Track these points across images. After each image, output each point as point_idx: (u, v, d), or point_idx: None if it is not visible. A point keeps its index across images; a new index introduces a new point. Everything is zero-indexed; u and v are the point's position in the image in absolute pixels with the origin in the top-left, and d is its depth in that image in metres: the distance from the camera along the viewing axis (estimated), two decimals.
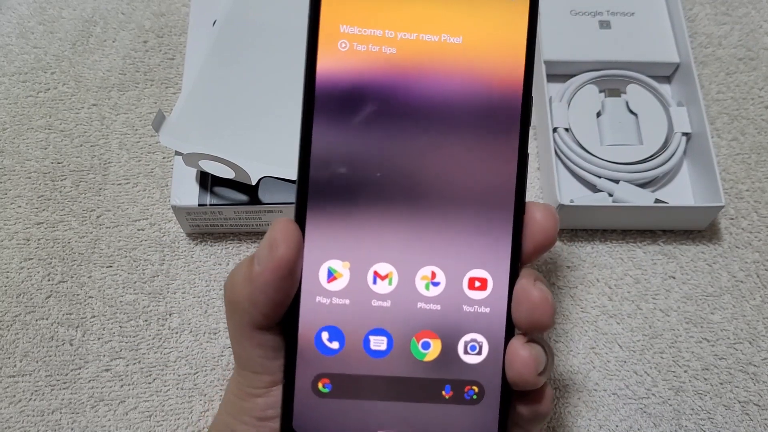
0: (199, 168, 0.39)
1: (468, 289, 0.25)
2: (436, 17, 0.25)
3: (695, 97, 0.43)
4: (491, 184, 0.25)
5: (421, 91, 0.24)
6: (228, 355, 0.40)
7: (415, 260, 0.25)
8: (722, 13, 0.51)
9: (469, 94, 0.25)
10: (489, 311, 0.25)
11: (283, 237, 0.23)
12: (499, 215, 0.25)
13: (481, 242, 0.25)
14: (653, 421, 0.38)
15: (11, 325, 0.40)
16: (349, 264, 0.24)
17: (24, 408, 0.38)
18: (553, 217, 0.25)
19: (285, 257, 0.23)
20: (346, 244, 0.24)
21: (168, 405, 0.38)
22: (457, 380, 0.25)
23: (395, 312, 0.25)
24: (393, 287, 0.25)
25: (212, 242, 0.43)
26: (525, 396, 0.25)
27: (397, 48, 0.24)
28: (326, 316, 0.24)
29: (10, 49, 0.49)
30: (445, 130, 0.25)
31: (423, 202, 0.25)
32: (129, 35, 0.49)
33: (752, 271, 0.42)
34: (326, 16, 0.24)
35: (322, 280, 0.24)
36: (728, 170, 0.45)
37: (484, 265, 0.25)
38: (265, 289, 0.23)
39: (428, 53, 0.24)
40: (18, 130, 0.46)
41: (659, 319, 0.41)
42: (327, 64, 0.24)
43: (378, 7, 0.24)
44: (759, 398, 0.39)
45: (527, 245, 0.25)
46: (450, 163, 0.25)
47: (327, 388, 0.24)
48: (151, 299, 0.41)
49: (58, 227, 0.43)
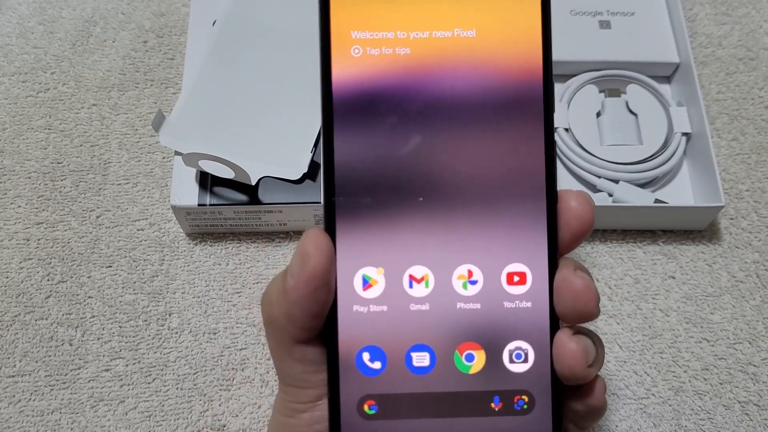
0: (198, 168, 0.39)
1: (507, 284, 0.24)
2: (446, 13, 0.24)
3: (695, 97, 0.43)
4: (521, 175, 0.24)
5: (439, 89, 0.24)
6: (227, 355, 0.40)
7: (450, 260, 0.24)
8: (722, 13, 0.51)
9: (489, 87, 0.24)
10: (531, 305, 0.24)
11: (314, 248, 0.23)
12: (532, 207, 0.24)
13: (517, 236, 0.24)
14: (653, 421, 0.38)
15: (11, 325, 0.40)
16: (383, 270, 0.24)
17: (24, 408, 0.38)
18: (588, 204, 0.24)
19: (318, 268, 0.23)
20: (378, 250, 0.24)
21: (167, 405, 0.38)
22: (505, 391, 0.24)
23: (435, 316, 0.24)
24: (430, 289, 0.24)
25: (212, 242, 0.43)
26: (577, 391, 0.25)
27: (411, 48, 0.24)
28: (366, 330, 0.24)
29: (10, 49, 0.49)
30: (468, 125, 0.24)
31: (453, 200, 0.24)
32: (129, 35, 0.49)
33: (752, 272, 0.42)
34: (336, 23, 0.24)
35: (357, 288, 0.24)
36: (728, 170, 0.45)
37: (521, 258, 0.24)
38: (301, 302, 0.23)
39: (443, 50, 0.24)
40: (18, 130, 0.46)
41: (659, 319, 0.41)
42: (342, 72, 0.24)
43: (388, 9, 0.24)
44: (759, 398, 0.39)
45: (564, 234, 0.24)
46: (476, 158, 0.24)
47: (373, 409, 0.24)
48: (150, 299, 0.41)
49: (58, 227, 0.43)
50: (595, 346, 0.24)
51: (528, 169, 0.24)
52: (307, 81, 0.43)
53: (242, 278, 0.42)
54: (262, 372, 0.39)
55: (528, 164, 0.24)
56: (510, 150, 0.24)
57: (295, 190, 0.40)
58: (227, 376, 0.39)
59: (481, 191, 0.24)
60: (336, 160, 0.24)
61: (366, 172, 0.24)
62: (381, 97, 0.24)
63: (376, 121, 0.24)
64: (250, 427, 0.38)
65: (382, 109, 0.24)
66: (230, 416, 0.38)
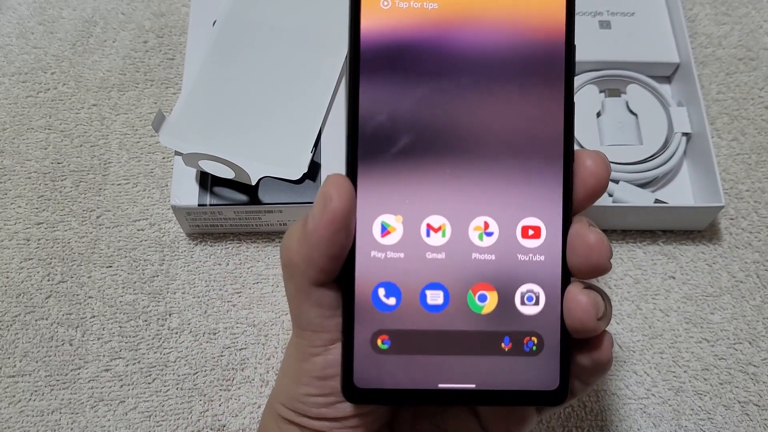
0: (198, 168, 0.39)
1: (522, 237, 0.25)
2: None
3: (695, 97, 0.43)
4: (539, 132, 0.25)
5: (464, 45, 0.25)
6: (227, 355, 0.40)
7: (467, 211, 0.25)
8: (722, 13, 0.51)
9: (513, 44, 0.25)
10: (544, 259, 0.25)
11: (336, 190, 0.23)
12: (549, 163, 0.25)
13: (533, 191, 0.25)
14: (653, 422, 0.38)
15: (11, 325, 0.40)
16: (402, 218, 0.25)
17: (24, 408, 0.38)
18: (604, 162, 0.25)
19: (339, 209, 0.23)
20: (398, 199, 0.25)
21: (167, 405, 0.38)
22: (515, 332, 0.25)
23: (450, 264, 0.25)
24: (446, 239, 0.25)
25: (212, 242, 0.43)
26: (584, 344, 0.25)
27: (438, 3, 0.25)
28: (382, 271, 0.25)
29: (10, 50, 0.49)
30: (490, 81, 0.25)
31: (472, 153, 0.25)
32: (129, 35, 0.49)
33: (752, 272, 0.42)
34: None
35: (376, 234, 0.25)
36: (728, 170, 0.45)
37: (536, 213, 0.25)
38: (320, 244, 0.23)
39: (469, 6, 0.25)
40: (18, 131, 0.46)
41: (659, 320, 0.41)
42: (370, 23, 0.25)
43: None
44: (759, 398, 0.39)
45: (579, 192, 0.25)
46: (498, 113, 0.25)
47: (386, 344, 0.24)
48: (150, 299, 0.41)
49: (58, 227, 0.43)
50: (604, 301, 0.25)
51: (547, 128, 0.25)
52: (308, 81, 0.43)
53: (242, 278, 0.42)
54: (262, 372, 0.39)
55: (547, 123, 0.25)
56: (530, 108, 0.25)
57: (295, 190, 0.40)
58: (227, 376, 0.39)
59: (500, 147, 0.25)
60: (360, 109, 0.25)
61: (389, 122, 0.25)
62: (407, 50, 0.25)
63: (401, 73, 0.25)
64: (250, 427, 0.38)
65: (407, 62, 0.25)
66: (230, 416, 0.38)
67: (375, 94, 0.25)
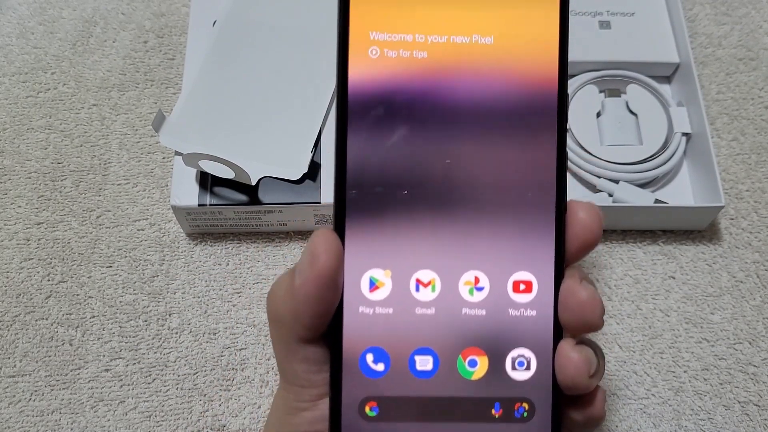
0: (198, 168, 0.39)
1: (513, 292, 0.24)
2: (465, 18, 0.24)
3: (695, 97, 0.43)
4: (531, 184, 0.24)
5: (454, 94, 0.24)
6: (228, 355, 0.40)
7: (457, 266, 0.24)
8: (722, 13, 0.51)
9: (504, 94, 0.24)
10: (535, 314, 0.24)
11: (323, 247, 0.23)
12: (541, 215, 0.24)
13: (524, 244, 0.24)
14: (653, 422, 0.38)
15: (11, 325, 0.40)
16: (390, 272, 0.24)
17: (24, 408, 0.38)
18: (596, 215, 0.25)
19: (326, 267, 0.23)
20: (387, 253, 0.24)
21: (167, 405, 0.38)
22: (506, 398, 0.24)
23: (440, 321, 0.24)
24: (436, 294, 0.24)
25: (212, 242, 0.43)
26: (577, 401, 0.25)
27: (428, 52, 0.24)
28: (370, 332, 0.24)
29: (10, 50, 0.49)
30: (480, 132, 0.24)
31: (463, 206, 0.24)
32: (129, 35, 0.49)
33: (752, 272, 0.42)
34: (355, 23, 0.24)
35: (364, 289, 0.24)
36: (728, 170, 0.45)
37: (528, 267, 0.24)
38: (308, 301, 0.23)
39: (460, 55, 0.24)
40: (18, 131, 0.46)
41: (659, 320, 0.41)
42: (358, 72, 0.24)
43: (407, 11, 0.24)
44: (759, 398, 0.39)
45: (571, 245, 0.25)
46: (488, 164, 0.24)
47: (374, 411, 0.24)
48: (150, 299, 0.41)
49: (58, 227, 0.43)
50: (597, 356, 0.24)
51: (539, 179, 0.24)
52: (308, 81, 0.43)
53: (242, 278, 0.42)
54: (262, 372, 0.39)
55: (539, 173, 0.24)
56: (522, 158, 0.24)
57: (295, 190, 0.40)
58: (227, 377, 0.39)
59: (491, 198, 0.24)
60: (348, 161, 0.24)
61: (377, 174, 0.24)
62: (395, 100, 0.24)
63: (391, 124, 0.24)
64: (250, 427, 0.38)
65: (396, 112, 0.24)
66: (230, 416, 0.38)
67: (363, 146, 0.24)
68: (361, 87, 0.24)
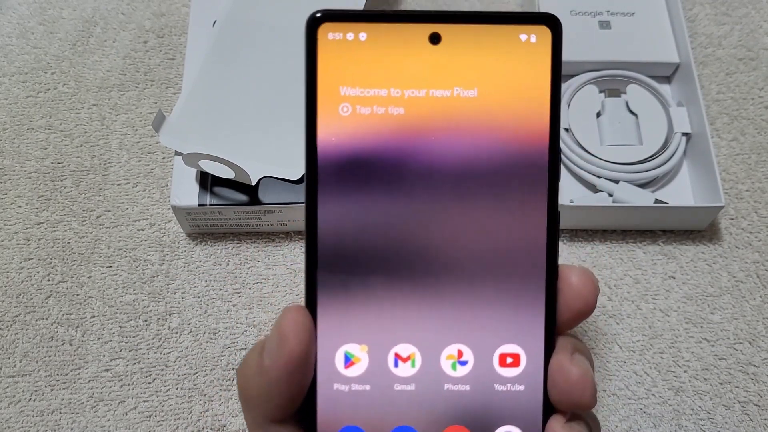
0: (198, 168, 0.39)
1: (499, 366, 0.23)
2: (445, 69, 0.22)
3: (695, 97, 0.43)
4: (519, 249, 0.22)
5: (434, 154, 0.22)
6: (228, 355, 0.40)
7: (439, 339, 0.23)
8: (722, 13, 0.51)
9: (489, 153, 0.22)
10: (523, 389, 0.23)
11: (293, 328, 0.21)
12: (530, 283, 0.23)
13: (511, 314, 0.23)
14: (653, 422, 0.38)
15: (11, 325, 0.40)
16: (367, 347, 0.22)
17: (24, 408, 0.38)
18: (590, 281, 0.23)
19: (296, 351, 0.21)
20: (363, 326, 0.22)
21: (167, 405, 0.38)
22: None
23: (420, 398, 0.22)
24: (416, 369, 0.23)
25: (212, 242, 0.43)
26: None
27: (405, 107, 0.22)
28: (346, 410, 0.22)
29: (10, 50, 0.49)
30: (464, 194, 0.22)
31: (444, 274, 0.22)
32: (129, 35, 0.49)
33: (752, 272, 0.42)
34: (324, 78, 0.22)
35: (339, 366, 0.22)
36: (728, 170, 0.45)
37: (515, 339, 0.23)
38: (278, 383, 0.22)
39: (440, 111, 0.22)
40: (18, 131, 0.46)
41: (659, 320, 0.41)
42: (328, 132, 0.22)
43: (381, 64, 0.22)
44: (759, 398, 0.39)
45: (563, 314, 0.23)
46: (472, 229, 0.22)
47: None
48: (150, 299, 0.41)
49: (58, 227, 0.43)
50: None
51: (527, 243, 0.22)
52: None
53: (242, 278, 0.42)
54: None
55: (528, 238, 0.22)
56: (508, 222, 0.22)
57: (295, 190, 0.40)
58: (227, 376, 0.39)
59: (475, 266, 0.22)
60: (319, 230, 0.22)
61: (351, 243, 0.22)
62: (370, 161, 0.22)
63: (365, 188, 0.22)
64: None
65: (370, 175, 0.22)
66: (230, 416, 0.38)
67: (335, 213, 0.22)
68: (331, 148, 0.22)
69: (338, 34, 0.22)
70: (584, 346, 0.23)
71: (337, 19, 0.22)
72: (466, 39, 0.22)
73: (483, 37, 0.22)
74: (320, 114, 0.22)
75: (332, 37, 0.22)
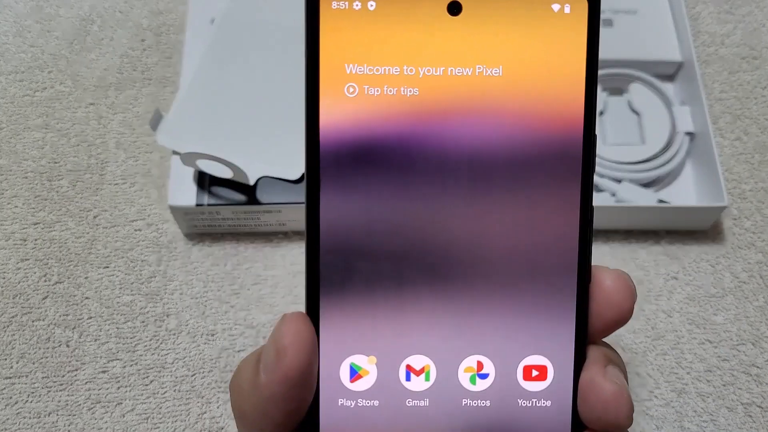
0: (196, 168, 0.39)
1: (523, 379, 0.21)
2: (467, 44, 0.19)
3: (698, 96, 0.43)
4: (547, 249, 0.20)
5: (452, 141, 0.20)
6: (226, 356, 0.39)
7: (456, 349, 0.20)
8: (725, 11, 0.51)
9: (515, 140, 0.20)
10: (550, 405, 0.20)
11: (292, 340, 0.19)
12: (559, 287, 0.20)
13: (538, 322, 0.20)
14: (655, 423, 0.38)
15: (7, 327, 0.40)
16: (375, 359, 0.20)
17: (20, 410, 0.38)
18: (627, 286, 0.20)
19: (295, 365, 0.19)
20: (371, 336, 0.20)
21: (165, 407, 0.38)
22: None
23: (435, 415, 0.20)
24: (431, 383, 0.20)
25: (210, 243, 0.42)
26: None
27: (420, 88, 0.20)
28: (352, 428, 0.20)
29: (6, 48, 0.48)
30: (485, 187, 0.20)
31: (463, 277, 0.20)
32: (126, 34, 0.49)
33: (755, 272, 0.42)
34: (327, 54, 0.19)
35: (344, 379, 0.20)
36: (731, 170, 0.45)
37: (542, 349, 0.20)
38: (275, 400, 0.20)
39: (460, 92, 0.20)
40: (14, 130, 0.45)
41: (662, 321, 0.41)
42: (332, 117, 0.19)
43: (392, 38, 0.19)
44: (762, 400, 0.39)
45: (595, 322, 0.21)
46: (494, 227, 0.20)
47: None
48: (148, 300, 0.41)
49: (55, 227, 0.42)
50: None
51: (557, 243, 0.20)
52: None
53: (240, 279, 0.41)
54: None
55: (557, 237, 0.20)
56: (536, 219, 0.20)
57: (294, 190, 0.40)
58: (225, 378, 0.39)
59: (497, 268, 0.20)
60: (322, 227, 0.20)
61: (358, 241, 0.20)
62: (379, 150, 0.20)
63: (373, 180, 0.20)
64: None
65: (379, 166, 0.20)
66: (228, 419, 0.38)
67: (340, 209, 0.20)
68: (336, 135, 0.20)
69: (343, 2, 0.19)
70: (619, 357, 0.21)
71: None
72: (490, 9, 0.20)
73: (509, 7, 0.20)
74: (323, 96, 0.19)
75: (336, 6, 0.19)
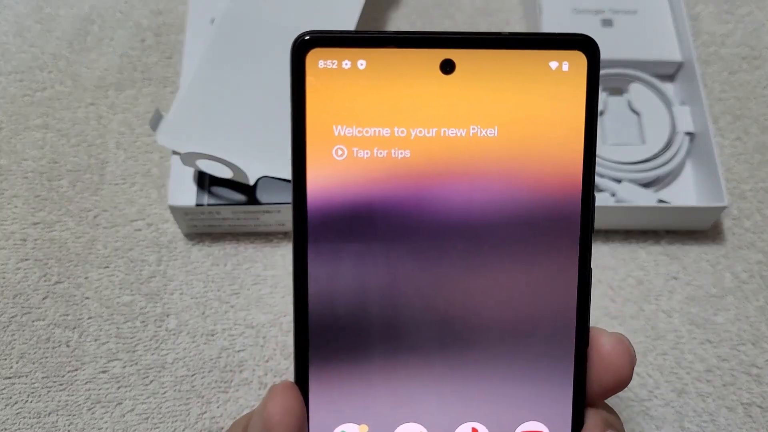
0: (196, 168, 0.39)
1: None
2: (460, 104, 0.19)
3: (698, 96, 0.43)
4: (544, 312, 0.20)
5: (445, 206, 0.19)
6: (226, 356, 0.39)
7: (450, 417, 0.20)
8: (725, 11, 0.51)
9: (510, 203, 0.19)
10: None
11: (279, 413, 0.18)
12: (557, 351, 0.20)
13: (534, 387, 0.20)
14: (655, 424, 0.38)
15: (7, 327, 0.40)
16: (367, 428, 0.20)
17: (20, 410, 0.38)
18: (625, 350, 0.20)
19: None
20: (362, 404, 0.20)
21: (165, 407, 0.38)
22: None
23: None
24: None
25: (210, 243, 0.42)
26: None
27: (411, 150, 0.19)
28: None
29: (6, 48, 0.48)
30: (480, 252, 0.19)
31: (457, 342, 0.20)
32: (126, 34, 0.49)
33: (756, 272, 0.42)
34: (314, 115, 0.19)
35: None
36: (731, 170, 0.45)
37: (538, 415, 0.20)
38: None
39: (453, 154, 0.19)
40: (15, 130, 0.45)
41: (662, 321, 0.41)
42: (320, 180, 0.19)
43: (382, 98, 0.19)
44: (762, 400, 0.39)
45: (593, 387, 0.20)
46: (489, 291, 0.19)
47: None
48: (148, 300, 0.41)
49: (55, 227, 0.42)
50: None
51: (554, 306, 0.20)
52: None
53: (240, 279, 0.41)
54: (261, 374, 0.39)
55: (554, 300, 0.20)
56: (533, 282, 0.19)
57: None
58: (225, 378, 0.39)
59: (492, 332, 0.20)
60: (310, 294, 0.19)
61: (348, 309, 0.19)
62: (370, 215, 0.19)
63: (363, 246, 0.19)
64: None
65: (370, 231, 0.19)
66: (228, 419, 0.38)
67: (328, 274, 0.19)
68: (324, 200, 0.19)
69: (331, 61, 0.18)
70: (618, 420, 0.21)
71: (330, 44, 0.18)
72: (484, 67, 0.19)
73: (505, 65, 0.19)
74: (310, 159, 0.19)
75: (324, 66, 0.18)
